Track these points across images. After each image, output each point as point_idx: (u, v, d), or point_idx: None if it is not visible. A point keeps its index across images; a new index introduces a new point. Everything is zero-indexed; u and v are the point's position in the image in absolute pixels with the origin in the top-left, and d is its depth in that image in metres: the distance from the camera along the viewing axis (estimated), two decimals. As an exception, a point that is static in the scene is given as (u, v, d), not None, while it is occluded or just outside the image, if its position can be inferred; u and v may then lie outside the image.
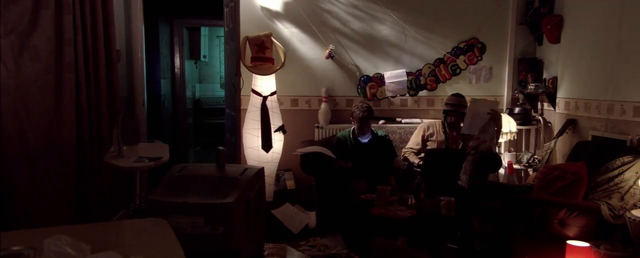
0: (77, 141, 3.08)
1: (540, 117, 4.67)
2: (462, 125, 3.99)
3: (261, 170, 2.58)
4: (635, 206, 3.03)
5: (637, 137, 3.33)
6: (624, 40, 3.47)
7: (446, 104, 4.20)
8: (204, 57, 8.25)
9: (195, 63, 8.45)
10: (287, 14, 4.59)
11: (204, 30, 8.13)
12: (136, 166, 2.69)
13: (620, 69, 3.51)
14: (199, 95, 8.56)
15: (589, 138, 3.84)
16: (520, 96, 4.77)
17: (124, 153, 2.85)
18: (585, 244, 2.89)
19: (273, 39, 4.27)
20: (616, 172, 3.20)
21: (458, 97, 4.15)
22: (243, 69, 4.19)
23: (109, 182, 3.38)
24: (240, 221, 2.21)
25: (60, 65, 2.88)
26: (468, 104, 4.06)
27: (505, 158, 4.53)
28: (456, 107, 4.08)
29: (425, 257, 1.29)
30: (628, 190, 3.12)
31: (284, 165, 4.58)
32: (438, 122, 4.27)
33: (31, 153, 2.77)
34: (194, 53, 7.93)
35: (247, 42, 4.21)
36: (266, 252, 3.11)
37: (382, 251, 1.39)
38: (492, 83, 4.81)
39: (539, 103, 4.77)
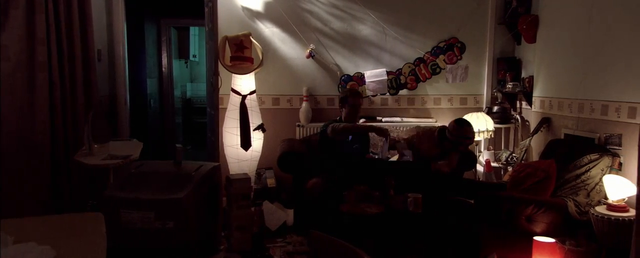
0: (52, 140, 3.12)
1: (518, 116, 4.71)
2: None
3: (217, 167, 2.63)
4: (600, 203, 3.08)
5: (605, 135, 3.38)
6: (594, 40, 3.52)
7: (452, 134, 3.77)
8: (194, 56, 8.29)
9: (186, 62, 8.50)
10: (268, 14, 4.63)
11: (194, 30, 8.16)
12: (102, 164, 2.73)
13: (590, 68, 3.56)
14: (190, 94, 8.61)
15: (562, 137, 3.89)
16: (499, 95, 4.81)
17: (94, 151, 2.90)
18: (551, 240, 2.95)
19: (252, 39, 4.32)
20: (583, 169, 3.25)
21: (467, 126, 3.78)
22: (223, 69, 4.24)
23: (84, 181, 3.42)
24: (192, 216, 2.26)
25: (32, 65, 2.92)
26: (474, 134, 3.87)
27: (484, 157, 4.58)
28: (460, 139, 3.73)
29: (358, 250, 1.33)
30: (594, 187, 3.17)
31: (265, 163, 4.64)
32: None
33: (1, 152, 2.81)
34: (183, 52, 7.98)
35: (226, 42, 4.27)
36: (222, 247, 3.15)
37: (319, 244, 1.44)
38: (468, 82, 4.85)
39: (517, 102, 4.82)
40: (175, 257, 2.21)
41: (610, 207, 2.95)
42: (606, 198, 3.05)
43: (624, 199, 2.94)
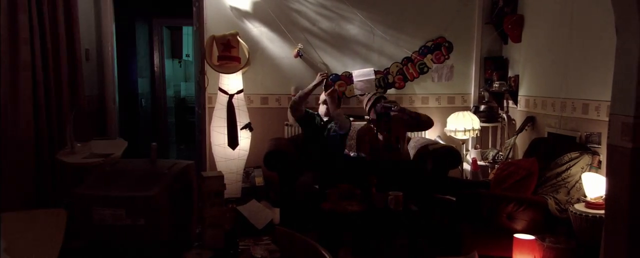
0: (36, 139, 3.14)
1: (504, 115, 4.74)
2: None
3: (191, 165, 2.66)
4: (579, 200, 3.11)
5: (585, 134, 3.41)
6: (575, 39, 3.55)
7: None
8: (187, 56, 8.33)
9: (180, 62, 8.53)
10: (256, 14, 4.66)
11: (187, 30, 8.19)
12: (83, 162, 2.76)
13: (572, 67, 3.59)
14: (184, 93, 8.63)
15: (546, 135, 3.92)
16: (486, 94, 4.84)
17: (76, 149, 2.92)
18: (531, 237, 2.98)
19: (239, 38, 4.35)
20: (564, 167, 3.28)
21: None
22: (210, 68, 4.26)
23: (70, 179, 3.44)
24: (164, 213, 2.29)
25: (15, 64, 2.95)
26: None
27: (471, 155, 4.61)
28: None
29: (316, 244, 1.36)
30: (574, 185, 3.20)
31: (254, 162, 4.66)
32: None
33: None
34: (176, 52, 8.01)
35: (214, 41, 4.29)
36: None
37: (282, 238, 1.46)
38: (455, 81, 4.88)
39: (504, 101, 4.85)
40: (148, 253, 2.25)
41: (589, 205, 2.97)
42: (585, 196, 3.08)
43: (601, 197, 2.97)
